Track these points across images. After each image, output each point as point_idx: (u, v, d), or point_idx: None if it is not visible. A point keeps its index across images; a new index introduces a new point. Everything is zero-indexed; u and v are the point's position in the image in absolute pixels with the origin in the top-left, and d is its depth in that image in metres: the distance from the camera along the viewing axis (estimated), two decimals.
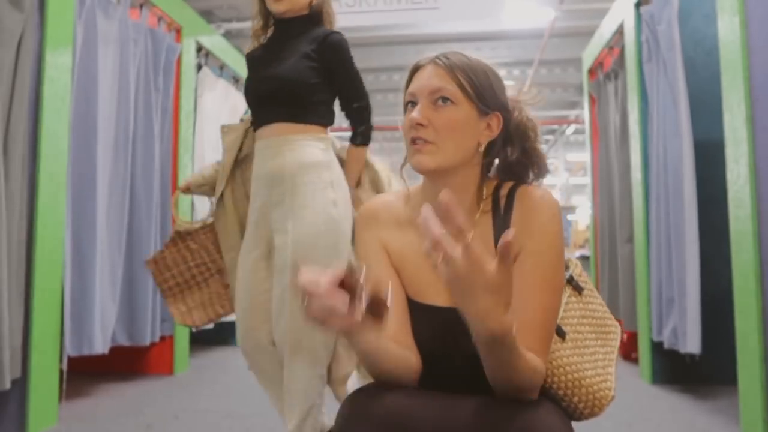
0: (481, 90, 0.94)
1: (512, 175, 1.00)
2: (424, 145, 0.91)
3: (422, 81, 0.94)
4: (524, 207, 0.93)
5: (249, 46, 1.80)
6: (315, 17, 1.71)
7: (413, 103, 0.94)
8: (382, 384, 0.86)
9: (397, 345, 0.91)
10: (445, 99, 0.92)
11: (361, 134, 1.71)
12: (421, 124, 0.91)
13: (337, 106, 1.75)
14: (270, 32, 1.77)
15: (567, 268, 1.02)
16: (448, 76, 0.92)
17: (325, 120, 1.71)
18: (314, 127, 1.67)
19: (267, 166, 1.65)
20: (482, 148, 0.96)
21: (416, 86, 0.94)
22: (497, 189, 0.97)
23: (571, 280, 1.01)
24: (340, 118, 1.76)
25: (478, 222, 0.96)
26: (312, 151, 1.63)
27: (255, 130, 1.72)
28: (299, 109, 1.65)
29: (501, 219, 0.94)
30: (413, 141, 0.92)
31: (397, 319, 0.95)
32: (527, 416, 0.77)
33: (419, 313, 0.97)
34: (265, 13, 1.72)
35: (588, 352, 0.97)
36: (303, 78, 1.61)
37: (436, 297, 0.96)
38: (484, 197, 0.97)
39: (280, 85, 1.62)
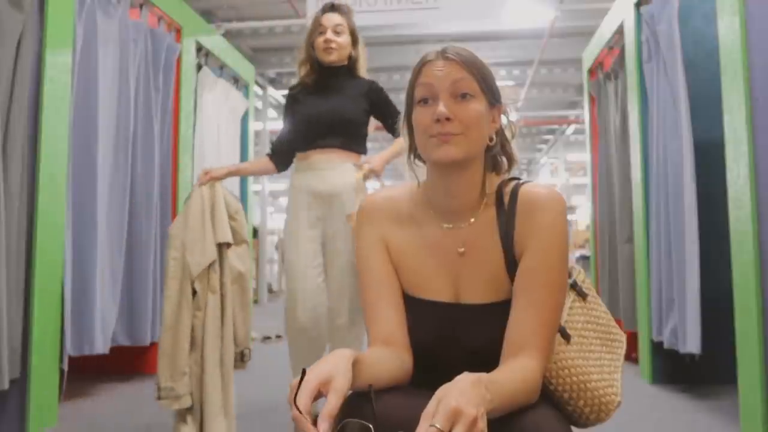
0: (490, 82, 0.95)
1: (490, 166, 1.01)
2: (452, 137, 0.90)
3: (440, 74, 0.92)
4: (529, 205, 0.92)
5: (294, 86, 2.23)
6: (353, 66, 2.15)
7: (426, 99, 0.93)
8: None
9: (389, 349, 0.91)
10: (465, 93, 0.91)
11: None
12: (448, 119, 0.89)
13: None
14: (314, 77, 2.17)
15: (570, 274, 1.02)
16: (463, 70, 0.92)
17: (363, 150, 2.20)
18: (356, 155, 2.16)
19: (322, 183, 2.10)
20: (493, 141, 0.96)
21: (434, 79, 0.92)
22: (501, 186, 0.98)
23: (575, 286, 1.01)
24: None
25: (481, 214, 0.96)
26: (353, 175, 2.11)
27: (299, 151, 2.17)
28: (350, 139, 2.12)
29: (505, 213, 0.94)
30: (439, 135, 0.90)
31: (392, 318, 0.95)
32: (524, 418, 0.77)
33: (419, 308, 0.97)
34: (312, 60, 2.13)
35: (593, 356, 0.96)
36: (357, 116, 2.11)
37: (437, 293, 0.96)
38: (487, 191, 0.97)
39: (338, 119, 2.08)
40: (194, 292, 1.89)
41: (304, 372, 0.70)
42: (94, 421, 2.52)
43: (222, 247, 1.94)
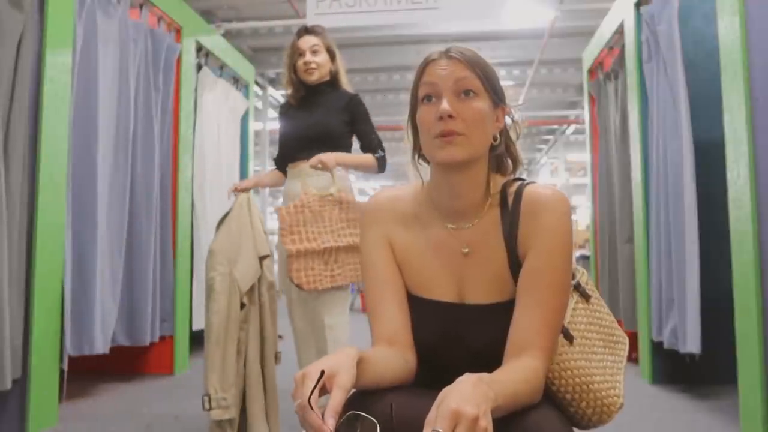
0: (494, 82, 0.94)
1: (494, 166, 1.00)
2: (456, 137, 0.90)
3: (443, 73, 0.91)
4: (533, 205, 0.92)
5: (283, 104, 2.40)
6: (334, 80, 2.29)
7: (430, 97, 0.93)
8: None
9: (393, 349, 0.91)
10: (468, 91, 0.91)
11: (380, 157, 2.24)
12: (452, 116, 0.89)
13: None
14: (301, 94, 2.31)
15: (573, 276, 1.02)
16: (467, 69, 0.91)
17: None
18: None
19: (304, 189, 2.17)
20: (497, 141, 0.96)
21: (437, 78, 0.92)
22: (505, 186, 0.97)
23: (578, 287, 1.00)
24: None
25: (485, 214, 0.96)
26: (329, 177, 2.19)
27: (288, 162, 2.29)
28: (333, 149, 2.17)
29: (509, 214, 0.94)
30: (443, 134, 0.90)
31: (396, 318, 0.95)
32: (526, 418, 0.77)
33: (423, 308, 0.97)
34: (296, 82, 2.28)
35: (596, 358, 0.96)
36: (338, 127, 2.23)
37: (441, 292, 0.96)
38: (491, 192, 0.97)
39: (321, 131, 2.21)
40: (242, 306, 1.93)
41: (322, 373, 0.71)
42: (94, 421, 2.52)
43: (260, 259, 2.02)
